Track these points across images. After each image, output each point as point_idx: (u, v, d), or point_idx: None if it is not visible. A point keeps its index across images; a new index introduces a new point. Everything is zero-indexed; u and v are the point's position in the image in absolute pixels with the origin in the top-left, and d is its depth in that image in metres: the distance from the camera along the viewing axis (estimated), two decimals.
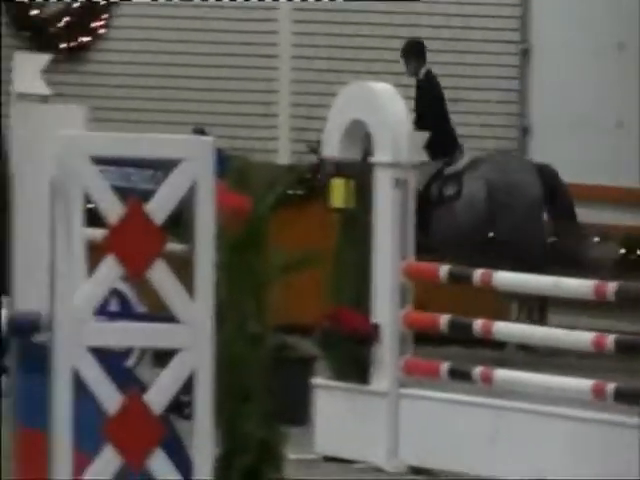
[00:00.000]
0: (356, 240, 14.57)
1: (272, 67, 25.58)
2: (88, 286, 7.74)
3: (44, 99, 7.98)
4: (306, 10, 24.93)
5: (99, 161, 7.71)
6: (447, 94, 21.80)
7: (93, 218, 7.78)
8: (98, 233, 7.71)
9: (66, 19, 19.72)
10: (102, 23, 20.67)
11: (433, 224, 18.08)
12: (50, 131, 7.81)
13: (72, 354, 7.71)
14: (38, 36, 19.62)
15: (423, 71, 13.81)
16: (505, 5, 25.03)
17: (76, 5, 19.74)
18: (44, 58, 8.09)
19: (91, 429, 8.00)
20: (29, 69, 7.90)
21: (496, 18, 25.06)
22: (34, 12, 19.50)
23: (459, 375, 15.00)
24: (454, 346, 20.16)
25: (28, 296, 8.01)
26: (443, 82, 21.64)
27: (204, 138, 7.58)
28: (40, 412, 8.05)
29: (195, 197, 7.52)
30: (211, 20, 24.76)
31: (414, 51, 13.73)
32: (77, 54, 21.96)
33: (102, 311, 8.11)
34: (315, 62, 24.97)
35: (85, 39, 20.45)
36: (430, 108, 14.79)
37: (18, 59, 8.28)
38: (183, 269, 8.19)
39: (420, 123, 13.74)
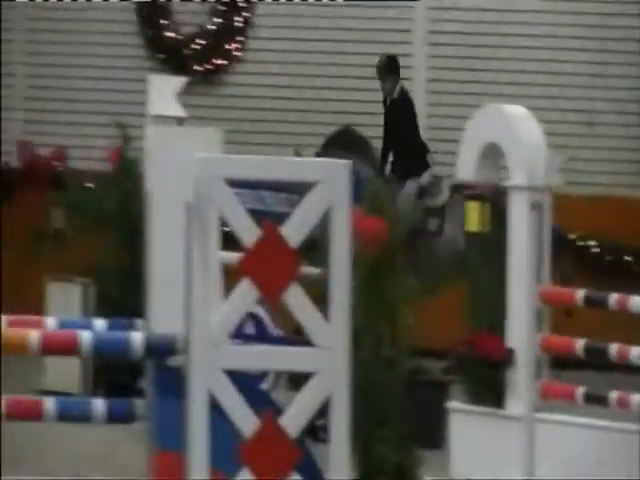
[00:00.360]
0: (491, 264, 14.54)
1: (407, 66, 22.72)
2: (224, 309, 7.79)
3: (180, 121, 7.94)
4: (441, 9, 23.87)
5: (234, 184, 7.79)
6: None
7: (228, 241, 7.80)
8: (233, 256, 7.83)
9: (201, 41, 19.48)
10: (237, 46, 20.07)
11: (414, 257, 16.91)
12: (186, 154, 7.91)
13: (208, 377, 7.77)
14: (173, 58, 19.60)
15: (397, 88, 13.48)
16: None
17: (211, 27, 19.52)
18: (180, 81, 8.18)
19: (227, 450, 8.04)
20: (165, 92, 7.90)
21: None
22: (169, 34, 19.33)
23: (595, 399, 14.35)
24: (587, 370, 19.38)
25: (163, 319, 8.06)
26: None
27: (341, 161, 7.52)
28: (176, 434, 8.13)
29: (330, 220, 7.50)
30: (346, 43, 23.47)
31: (390, 68, 13.70)
32: (212, 76, 21.98)
33: (238, 334, 8.31)
34: (452, 61, 23.64)
35: (220, 62, 19.99)
36: (405, 125, 14.67)
37: (153, 82, 8.43)
38: (319, 293, 8.02)
39: (394, 140, 13.77)
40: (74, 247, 15.99)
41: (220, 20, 21.99)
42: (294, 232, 7.43)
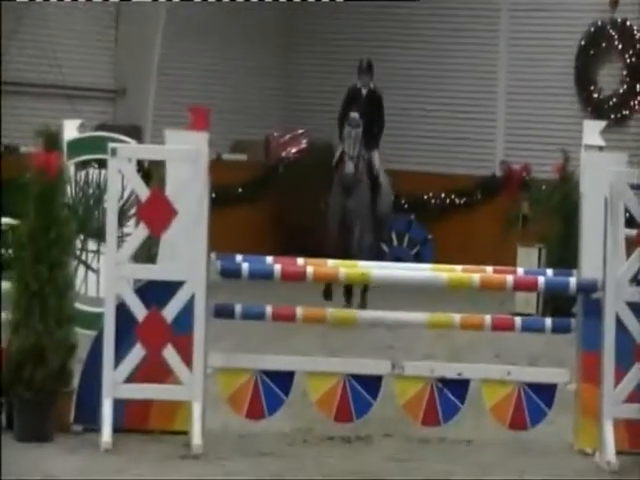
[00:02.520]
0: None
1: None
2: (626, 265, 8.27)
3: (601, 149, 8.48)
4: None
5: (633, 187, 8.26)
6: None
7: (629, 223, 8.32)
8: (632, 232, 8.38)
9: (615, 100, 18.54)
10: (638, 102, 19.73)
11: None
12: (605, 169, 8.32)
13: (616, 306, 8.25)
14: (598, 110, 18.96)
15: (372, 84, 12.86)
16: None
17: (622, 89, 19.22)
18: (602, 124, 8.65)
19: (627, 353, 8.20)
20: (593, 130, 8.77)
21: None
22: (595, 95, 18.59)
23: None
24: None
25: (589, 270, 8.32)
26: None
27: None
28: (596, 341, 8.33)
29: None
30: None
31: (370, 67, 12.95)
32: (622, 121, 19.16)
33: (634, 279, 8.36)
34: None
35: (625, 112, 19.32)
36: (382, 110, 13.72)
37: (586, 124, 9.09)
38: None
39: (377, 122, 13.34)
40: (534, 225, 15.63)
41: (626, 85, 19.33)
42: None
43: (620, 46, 18.89)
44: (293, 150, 19.98)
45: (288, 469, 7.61)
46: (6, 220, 9.40)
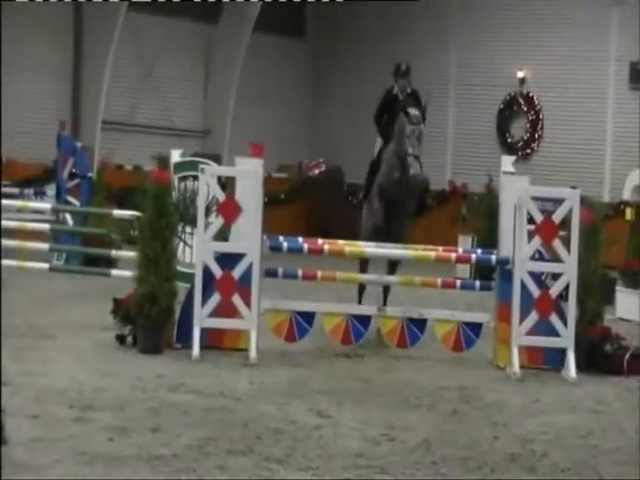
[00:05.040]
0: None
1: None
2: (527, 247, 8.16)
3: (512, 174, 8.44)
4: None
5: (535, 198, 8.18)
6: None
7: (529, 221, 8.12)
8: (530, 227, 8.27)
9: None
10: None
11: None
12: (516, 186, 8.24)
13: (520, 274, 8.04)
14: (511, 148, 18.44)
15: (409, 88, 8.62)
16: None
17: (526, 137, 19.20)
18: (512, 158, 8.87)
19: (527, 304, 8.07)
20: (507, 162, 8.50)
21: None
22: (509, 139, 19.41)
23: None
24: None
25: (505, 250, 8.14)
26: None
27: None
28: (506, 297, 8.11)
29: None
30: None
31: (408, 71, 8.70)
32: (528, 156, 19.01)
33: (534, 257, 8.31)
34: None
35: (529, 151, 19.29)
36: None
37: (503, 159, 8.65)
38: None
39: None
40: (470, 222, 15.55)
41: (529, 134, 19.25)
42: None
43: (525, 109, 19.01)
44: (316, 171, 19.99)
45: (312, 373, 7.57)
46: (134, 212, 9.53)
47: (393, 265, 8.03)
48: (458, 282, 9.55)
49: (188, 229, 9.24)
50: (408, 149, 7.54)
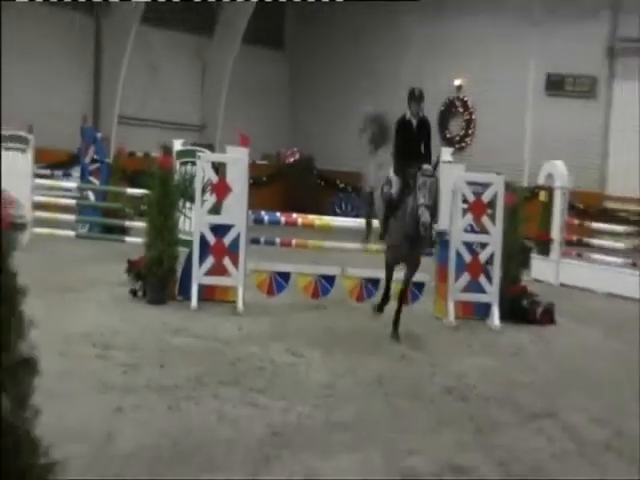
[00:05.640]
0: None
1: None
2: (461, 222, 8.08)
3: (450, 163, 8.14)
4: None
5: (469, 183, 8.05)
6: None
7: (464, 201, 8.05)
8: (464, 205, 8.06)
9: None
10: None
11: None
12: (453, 173, 7.97)
13: (455, 243, 8.05)
14: (450, 142, 17.34)
15: (421, 112, 7.34)
16: None
17: (462, 133, 18.42)
18: (450, 150, 8.64)
19: (461, 267, 7.97)
20: (446, 153, 8.24)
21: None
22: (448, 135, 18.39)
23: None
24: None
25: (444, 224, 7.92)
26: None
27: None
28: (445, 260, 7.96)
29: None
30: None
31: (422, 96, 7.35)
32: (463, 148, 18.01)
33: (466, 229, 8.16)
34: None
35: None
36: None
37: (442, 151, 8.19)
38: None
39: (428, 146, 7.20)
40: None
41: (464, 130, 18.44)
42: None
43: (461, 110, 18.68)
44: (291, 159, 19.46)
45: (288, 321, 7.53)
46: (144, 191, 9.47)
47: (414, 268, 7.22)
48: None
49: (188, 204, 9.06)
50: (420, 199, 6.70)
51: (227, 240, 7.89)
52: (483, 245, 8.03)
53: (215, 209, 8.01)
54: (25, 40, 15.08)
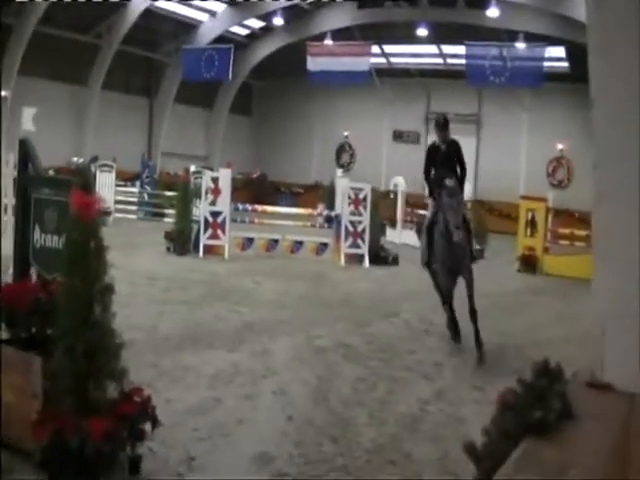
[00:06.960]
0: None
1: None
2: (345, 207, 7.58)
3: None
4: None
5: (352, 187, 8.12)
6: None
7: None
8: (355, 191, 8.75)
9: None
10: None
11: None
12: (343, 182, 8.65)
13: (345, 221, 7.40)
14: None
15: (449, 137, 4.65)
16: None
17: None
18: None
19: (348, 235, 7.86)
20: None
21: None
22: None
23: None
24: None
25: (338, 208, 8.23)
26: None
27: None
28: (338, 230, 7.76)
29: None
30: None
31: (447, 123, 4.48)
32: None
33: (352, 213, 8.29)
34: None
35: None
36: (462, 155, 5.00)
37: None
38: None
39: (462, 168, 4.63)
40: (324, 199, 14.20)
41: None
42: None
43: (347, 149, 18.26)
44: (254, 175, 20.18)
45: (252, 264, 7.73)
46: (174, 193, 9.98)
47: (469, 283, 4.79)
48: (318, 224, 9.53)
49: (197, 201, 9.16)
50: (450, 220, 4.43)
51: (219, 220, 8.73)
52: (359, 222, 8.99)
53: (212, 203, 8.66)
54: (111, 112, 16.15)
